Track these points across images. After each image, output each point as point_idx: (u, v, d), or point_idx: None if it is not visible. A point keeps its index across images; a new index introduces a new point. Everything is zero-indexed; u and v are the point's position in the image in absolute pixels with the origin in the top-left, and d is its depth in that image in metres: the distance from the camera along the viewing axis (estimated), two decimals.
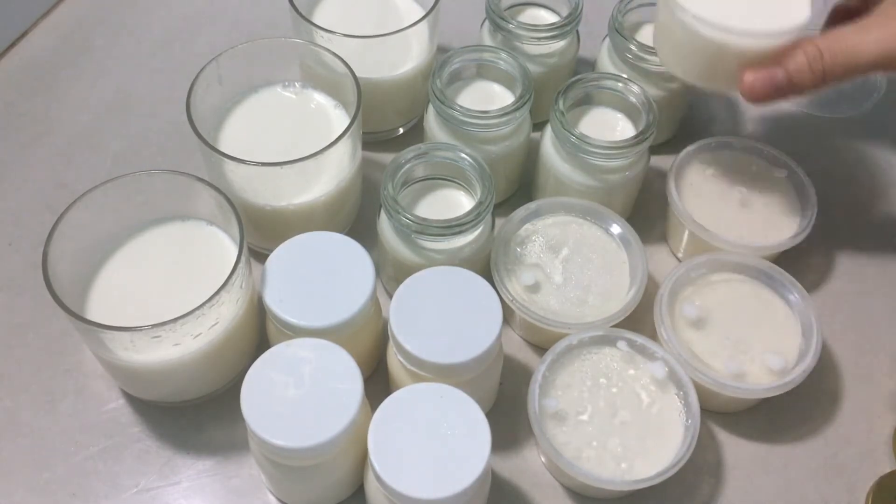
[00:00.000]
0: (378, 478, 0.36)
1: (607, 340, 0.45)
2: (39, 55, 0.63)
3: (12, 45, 0.63)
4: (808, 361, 0.45)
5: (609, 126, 0.53)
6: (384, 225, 0.48)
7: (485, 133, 0.50)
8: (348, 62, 0.49)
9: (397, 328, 0.41)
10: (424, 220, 0.45)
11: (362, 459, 0.41)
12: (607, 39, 0.56)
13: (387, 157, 0.47)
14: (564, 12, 0.56)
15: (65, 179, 0.56)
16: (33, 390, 0.47)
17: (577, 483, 0.43)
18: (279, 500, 0.44)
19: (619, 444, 0.42)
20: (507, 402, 0.47)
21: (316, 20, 0.55)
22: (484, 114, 0.49)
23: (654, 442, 0.43)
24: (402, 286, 0.42)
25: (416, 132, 0.59)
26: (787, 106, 0.62)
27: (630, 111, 0.53)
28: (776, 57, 0.44)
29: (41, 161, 0.57)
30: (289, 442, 0.37)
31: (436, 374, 0.40)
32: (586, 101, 0.54)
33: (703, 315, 0.47)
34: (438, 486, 0.36)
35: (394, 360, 0.43)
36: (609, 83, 0.52)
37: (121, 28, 0.65)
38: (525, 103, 0.50)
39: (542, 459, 0.46)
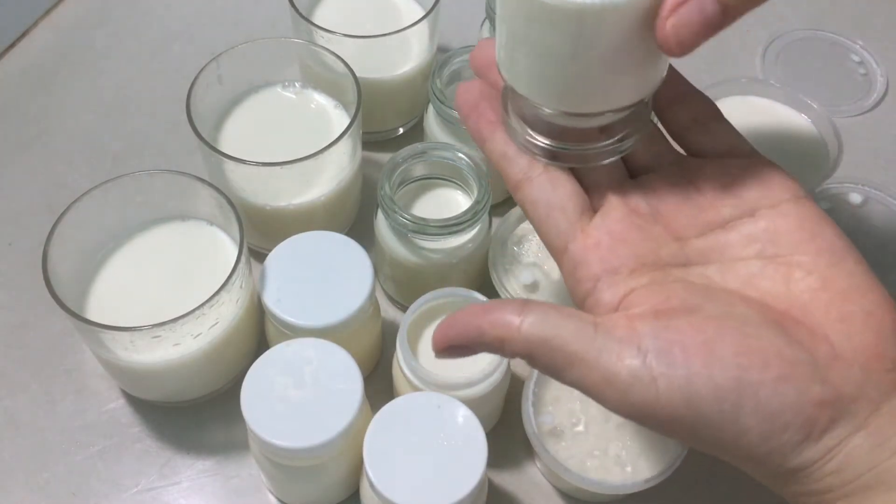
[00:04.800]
0: (372, 486, 0.36)
1: None
2: (39, 55, 0.63)
3: (12, 45, 0.63)
4: None
5: None
6: (381, 224, 0.48)
7: None
8: (348, 62, 0.49)
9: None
10: (421, 219, 0.45)
11: (362, 460, 0.41)
12: None
13: (387, 158, 0.47)
14: None
15: (65, 179, 0.56)
16: (33, 390, 0.47)
17: (582, 492, 0.43)
18: (279, 500, 0.44)
19: (619, 447, 0.42)
20: (504, 410, 0.47)
21: (316, 20, 0.55)
22: None
23: (652, 437, 0.43)
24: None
25: (416, 132, 0.59)
26: None
27: None
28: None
29: (41, 161, 0.57)
30: (289, 442, 0.37)
31: (440, 390, 0.41)
32: None
33: None
34: (433, 497, 0.36)
35: (398, 371, 0.43)
36: None
37: (121, 28, 0.65)
38: None
39: (541, 469, 0.46)
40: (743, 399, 0.26)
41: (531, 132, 0.32)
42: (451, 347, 0.30)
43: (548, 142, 0.31)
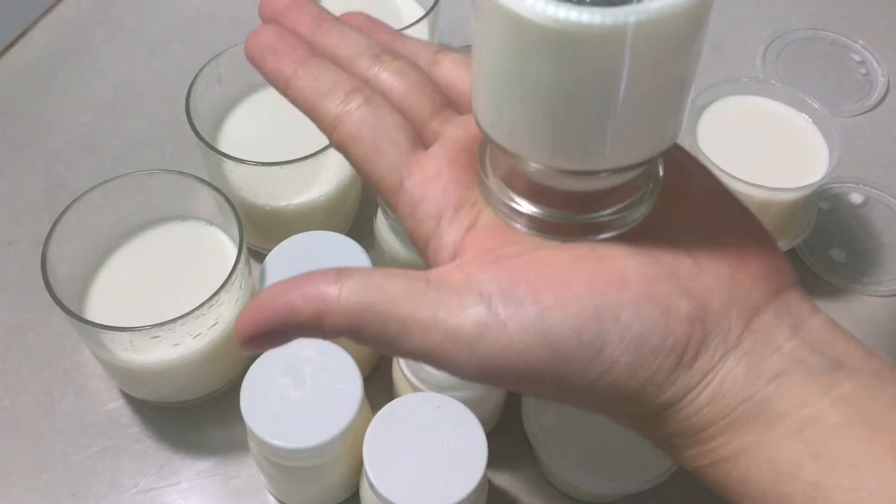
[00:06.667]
0: (372, 486, 0.36)
1: None
2: (39, 55, 0.63)
3: (12, 44, 0.63)
4: None
5: None
6: (381, 224, 0.48)
7: None
8: None
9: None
10: None
11: (362, 460, 0.41)
12: None
13: None
14: None
15: (64, 179, 0.56)
16: (33, 390, 0.47)
17: (583, 492, 0.43)
18: (279, 500, 0.44)
19: (620, 447, 0.42)
20: (504, 410, 0.47)
21: None
22: None
23: None
24: None
25: None
26: None
27: None
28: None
29: (40, 161, 0.57)
30: (288, 442, 0.37)
31: (440, 390, 0.40)
32: None
33: None
34: (433, 497, 0.36)
35: (398, 371, 0.43)
36: None
37: (120, 28, 0.65)
38: None
39: (541, 469, 0.45)
40: (604, 327, 0.23)
41: (515, 197, 0.26)
42: (259, 335, 0.25)
43: (536, 209, 0.26)
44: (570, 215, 0.25)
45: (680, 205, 0.27)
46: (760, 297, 0.25)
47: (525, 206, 0.26)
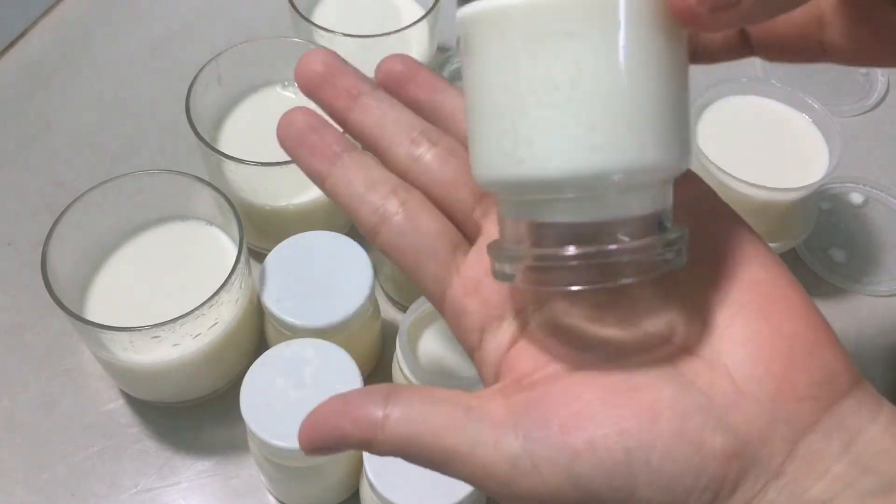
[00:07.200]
0: (372, 486, 0.36)
1: None
2: (39, 55, 0.63)
3: (12, 44, 0.63)
4: None
5: None
6: None
7: None
8: (348, 61, 0.49)
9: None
10: None
11: (362, 460, 0.41)
12: None
13: None
14: None
15: (64, 179, 0.56)
16: (32, 390, 0.47)
17: None
18: (279, 500, 0.44)
19: None
20: None
21: (316, 20, 0.55)
22: None
23: None
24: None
25: None
26: None
27: None
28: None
29: (40, 161, 0.57)
30: (288, 442, 0.37)
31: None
32: None
33: None
34: (433, 497, 0.36)
35: (398, 371, 0.43)
36: None
37: (121, 28, 0.65)
38: None
39: None
40: (634, 470, 0.23)
41: (526, 248, 0.24)
42: (317, 449, 0.26)
43: (547, 252, 0.24)
44: (582, 250, 0.23)
45: (724, 302, 0.25)
46: (808, 417, 0.23)
47: (536, 252, 0.24)
